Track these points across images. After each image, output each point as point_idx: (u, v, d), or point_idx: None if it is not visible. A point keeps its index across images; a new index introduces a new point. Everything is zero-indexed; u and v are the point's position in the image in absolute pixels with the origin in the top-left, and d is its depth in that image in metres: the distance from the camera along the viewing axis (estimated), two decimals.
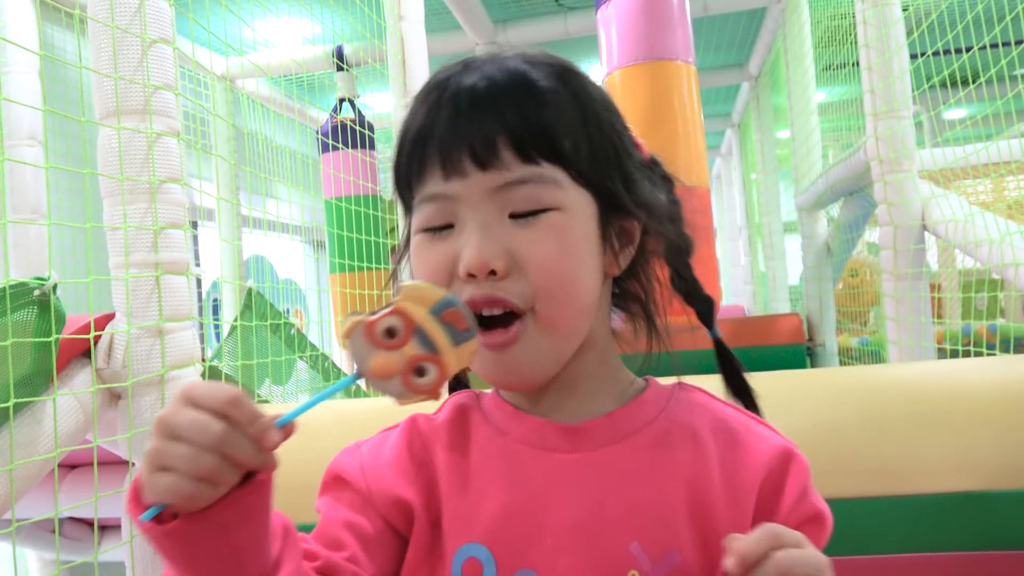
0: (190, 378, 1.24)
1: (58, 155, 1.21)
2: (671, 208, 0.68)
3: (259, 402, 1.51)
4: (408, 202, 0.65)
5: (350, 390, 2.23)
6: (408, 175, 0.63)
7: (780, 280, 5.04)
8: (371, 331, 0.52)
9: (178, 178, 1.23)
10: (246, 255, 4.55)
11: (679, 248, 0.68)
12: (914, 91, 2.07)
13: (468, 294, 0.59)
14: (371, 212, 3.05)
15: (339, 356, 4.00)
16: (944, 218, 1.89)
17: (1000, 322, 3.58)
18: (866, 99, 2.07)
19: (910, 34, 2.05)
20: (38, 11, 2.58)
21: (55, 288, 1.11)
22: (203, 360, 1.29)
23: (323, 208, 3.54)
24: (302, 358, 2.09)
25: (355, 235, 2.91)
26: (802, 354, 3.43)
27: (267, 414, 0.49)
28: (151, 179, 1.19)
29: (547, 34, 4.64)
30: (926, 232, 2.00)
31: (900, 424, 0.87)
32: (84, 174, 1.18)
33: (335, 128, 3.39)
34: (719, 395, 0.69)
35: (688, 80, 2.44)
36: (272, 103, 4.16)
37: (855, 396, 0.91)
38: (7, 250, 2.14)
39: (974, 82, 1.90)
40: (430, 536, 0.62)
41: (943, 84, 2.06)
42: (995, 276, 1.86)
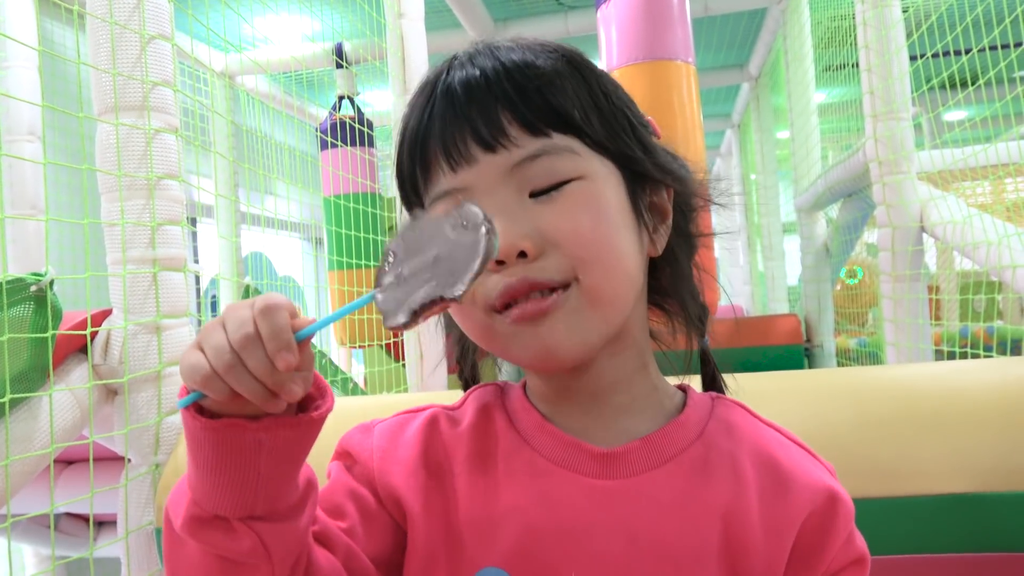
0: None
1: (57, 150, 1.21)
2: (697, 183, 0.65)
3: None
4: (419, 208, 0.61)
5: (348, 387, 2.23)
6: (413, 178, 0.60)
7: (779, 281, 5.04)
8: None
9: (176, 175, 1.23)
10: (245, 252, 4.55)
11: (687, 244, 0.66)
12: (914, 93, 2.07)
13: (502, 285, 0.55)
14: (370, 210, 3.05)
15: (336, 354, 4.01)
16: (943, 220, 1.89)
17: (998, 324, 3.58)
18: (865, 100, 2.07)
19: (910, 35, 2.05)
20: (37, 7, 2.58)
21: (52, 284, 1.11)
22: None
23: (322, 205, 3.54)
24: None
25: (354, 233, 2.91)
26: (800, 355, 3.43)
27: (286, 324, 0.46)
28: (149, 175, 1.19)
29: (547, 33, 4.64)
30: (924, 234, 2.00)
31: (896, 425, 0.87)
32: (82, 170, 1.18)
33: (334, 125, 3.39)
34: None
35: (688, 80, 2.44)
36: (272, 100, 4.15)
37: (852, 397, 0.91)
38: (5, 245, 2.14)
39: (974, 84, 1.90)
40: (444, 548, 0.59)
41: (943, 86, 2.06)
42: (993, 278, 1.86)
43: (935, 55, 2.04)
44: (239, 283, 2.10)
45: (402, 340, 2.14)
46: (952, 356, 2.13)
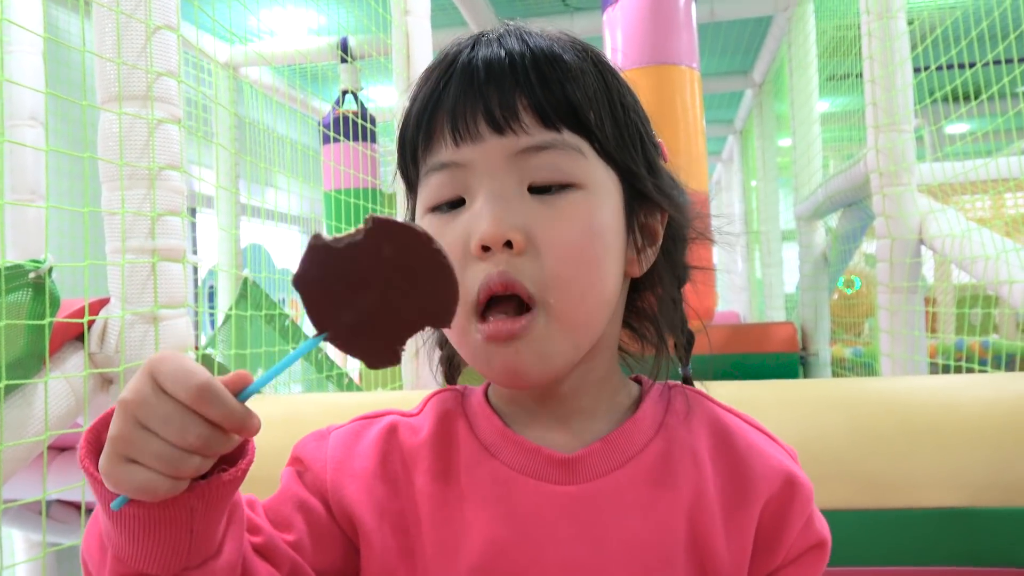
0: None
1: (59, 136, 1.21)
2: (693, 214, 0.64)
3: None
4: (413, 179, 0.60)
5: (343, 382, 2.23)
6: (415, 143, 0.58)
7: (776, 288, 5.04)
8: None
9: (178, 165, 1.23)
10: (244, 244, 4.54)
11: (678, 272, 0.65)
12: (916, 105, 2.08)
13: (483, 274, 0.54)
14: (370, 205, 3.05)
15: (332, 349, 3.99)
16: (941, 233, 1.89)
17: (993, 338, 3.59)
18: (868, 111, 2.08)
19: (915, 48, 2.06)
20: None
21: (50, 271, 1.11)
22: (196, 348, 1.29)
23: (322, 200, 3.54)
24: (295, 349, 2.09)
25: (353, 228, 2.90)
26: (795, 363, 3.43)
27: (231, 397, 0.44)
28: (151, 165, 1.19)
29: None
30: (923, 246, 2.00)
31: (891, 438, 0.87)
32: (84, 158, 1.18)
33: (337, 120, 3.39)
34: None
35: (692, 85, 2.45)
36: (275, 92, 4.15)
37: (847, 409, 0.91)
38: (4, 231, 2.13)
39: (977, 98, 1.90)
40: (403, 564, 0.57)
41: (946, 98, 2.06)
42: (990, 292, 1.86)
43: (939, 68, 2.04)
44: (237, 275, 2.10)
45: None
46: (947, 369, 2.14)
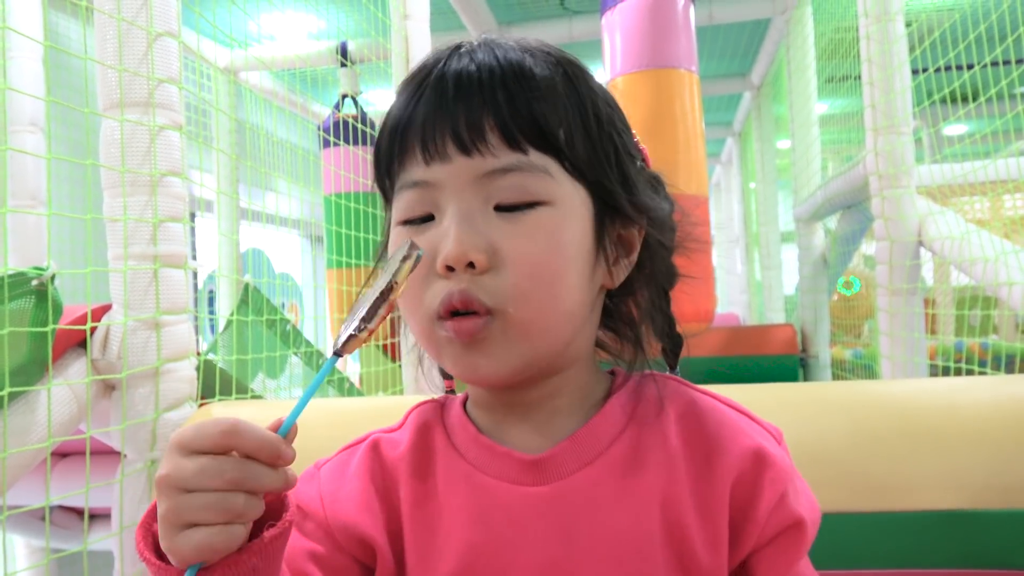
0: (185, 371, 1.24)
1: (60, 141, 1.21)
2: (673, 224, 0.64)
3: (252, 397, 1.51)
4: (388, 193, 0.61)
5: (344, 387, 2.23)
6: (389, 161, 0.59)
7: (776, 290, 5.05)
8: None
9: (179, 171, 1.24)
10: (244, 248, 4.55)
11: (664, 277, 0.64)
12: (915, 107, 2.08)
13: (445, 291, 0.55)
14: (370, 209, 3.05)
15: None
16: (940, 235, 1.90)
17: (993, 339, 3.59)
18: (867, 114, 2.08)
19: (913, 50, 2.06)
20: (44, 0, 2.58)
21: (53, 278, 1.12)
22: (198, 354, 1.30)
23: (322, 204, 3.54)
24: (296, 354, 2.09)
25: (353, 232, 2.91)
26: (795, 365, 3.44)
27: (261, 428, 0.47)
28: (152, 172, 1.20)
29: (551, 37, 4.60)
30: (922, 248, 2.01)
31: (890, 441, 0.87)
32: (86, 165, 1.18)
33: (336, 124, 3.39)
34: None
35: (691, 89, 2.45)
36: (274, 97, 4.16)
37: (846, 411, 0.91)
38: (6, 237, 2.14)
39: (975, 100, 1.91)
40: (395, 574, 0.59)
41: (944, 101, 2.07)
42: (989, 294, 1.87)
43: (938, 70, 2.05)
44: (238, 281, 2.10)
45: (399, 340, 2.14)
46: (947, 370, 2.14)
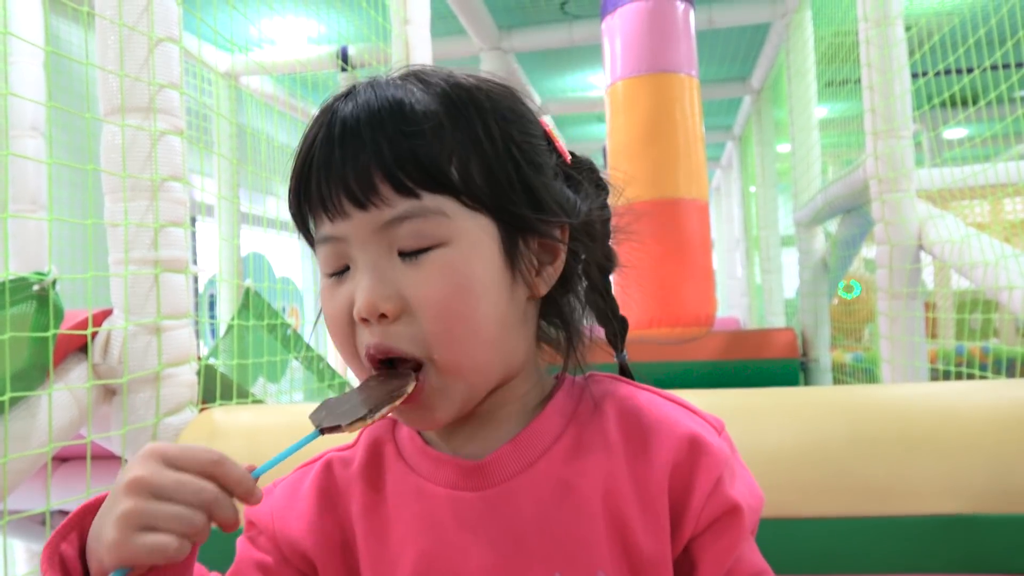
0: (186, 376, 1.24)
1: (60, 145, 1.21)
2: (599, 219, 0.63)
3: (253, 401, 1.51)
4: (311, 245, 0.61)
5: (337, 388, 2.23)
6: (302, 215, 0.60)
7: (776, 294, 5.05)
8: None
9: (180, 176, 1.24)
10: (244, 252, 4.55)
11: (601, 265, 0.64)
12: (915, 110, 2.08)
13: (365, 341, 0.56)
14: None
15: (333, 357, 4.00)
16: (941, 239, 1.90)
17: (993, 343, 3.59)
18: (866, 118, 2.08)
19: (913, 53, 2.07)
20: (46, 5, 2.58)
21: (54, 283, 1.12)
22: (199, 358, 1.30)
23: None
24: (297, 358, 2.09)
25: None
26: (796, 369, 3.44)
27: (245, 470, 0.51)
28: (153, 177, 1.20)
29: (552, 42, 4.65)
30: (922, 252, 2.01)
31: (890, 445, 0.87)
32: (87, 169, 1.19)
33: None
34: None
35: (691, 93, 2.45)
36: (275, 101, 4.16)
37: (846, 416, 0.92)
38: (7, 240, 2.14)
39: (975, 103, 1.91)
40: None
41: (944, 104, 2.07)
42: (990, 298, 1.87)
43: (937, 73, 2.05)
44: (239, 285, 2.11)
45: None
46: (947, 374, 2.14)
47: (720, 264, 8.34)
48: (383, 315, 0.55)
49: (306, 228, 0.61)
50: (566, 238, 0.61)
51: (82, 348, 1.19)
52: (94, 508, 0.52)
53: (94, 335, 1.18)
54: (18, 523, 1.93)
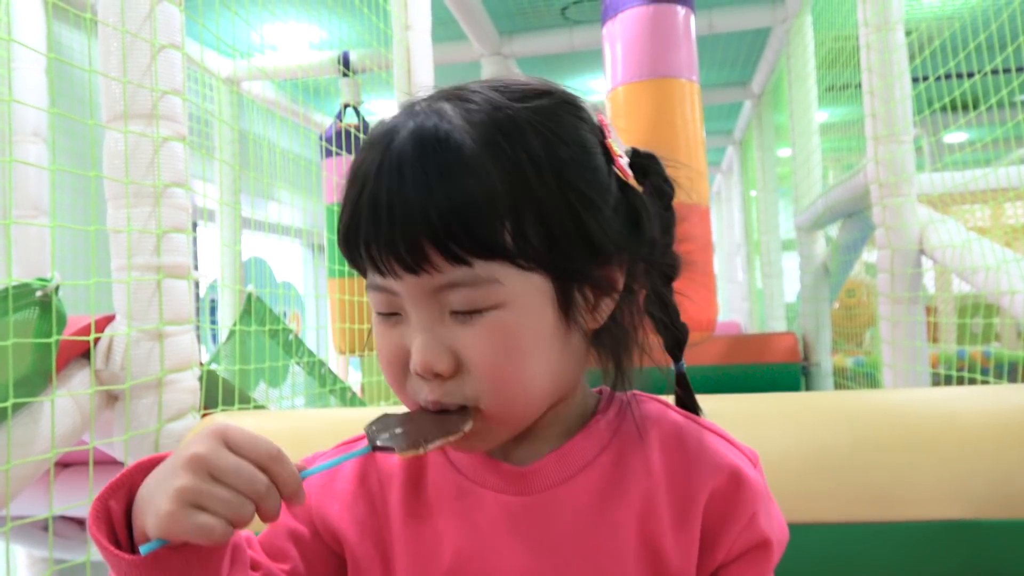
0: (188, 381, 1.24)
1: (63, 151, 1.21)
2: (663, 238, 0.62)
3: (255, 406, 1.51)
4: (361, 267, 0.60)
5: (346, 396, 2.23)
6: (352, 259, 0.59)
7: (777, 298, 5.05)
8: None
9: (183, 183, 1.24)
10: (245, 257, 4.55)
11: (664, 273, 0.63)
12: (915, 115, 2.09)
13: (421, 394, 0.57)
14: None
15: (335, 362, 4.01)
16: (942, 243, 1.90)
17: (995, 347, 3.59)
18: (867, 123, 2.09)
19: (913, 58, 2.07)
20: (48, 11, 2.59)
21: (57, 289, 1.12)
22: (201, 364, 1.30)
23: (323, 213, 3.55)
24: (298, 363, 2.09)
25: None
26: (797, 373, 3.44)
27: (296, 470, 0.51)
28: (156, 183, 1.20)
29: (552, 47, 4.65)
30: (923, 256, 2.01)
31: (892, 450, 0.87)
32: (89, 176, 1.19)
33: (338, 134, 3.40)
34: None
35: (691, 98, 2.46)
36: (276, 107, 4.17)
37: (848, 421, 0.92)
38: (10, 246, 2.14)
39: (975, 108, 1.91)
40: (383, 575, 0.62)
41: (944, 109, 2.07)
42: (991, 302, 1.87)
43: (938, 78, 2.05)
44: (240, 290, 2.11)
45: None
46: (949, 378, 2.14)
47: (721, 268, 8.34)
48: (437, 374, 0.56)
49: (354, 263, 0.60)
50: (624, 271, 0.59)
51: (85, 354, 1.19)
52: (146, 467, 0.52)
53: (97, 341, 1.18)
54: (20, 529, 1.93)
